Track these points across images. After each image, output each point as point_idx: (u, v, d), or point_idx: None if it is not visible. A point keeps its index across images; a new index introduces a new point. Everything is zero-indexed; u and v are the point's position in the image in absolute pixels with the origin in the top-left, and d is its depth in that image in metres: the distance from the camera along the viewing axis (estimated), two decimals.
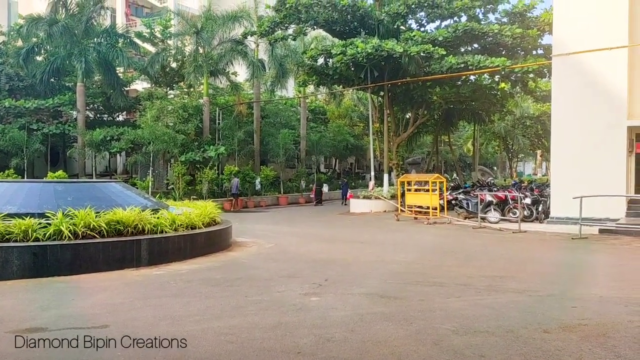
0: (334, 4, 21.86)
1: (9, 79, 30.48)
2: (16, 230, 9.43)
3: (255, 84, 32.33)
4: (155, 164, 27.93)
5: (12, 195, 11.07)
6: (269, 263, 10.79)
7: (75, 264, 9.55)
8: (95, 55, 28.85)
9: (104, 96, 32.77)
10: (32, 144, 27.63)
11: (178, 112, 28.26)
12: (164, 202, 14.30)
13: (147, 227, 10.60)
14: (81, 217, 9.97)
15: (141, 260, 10.19)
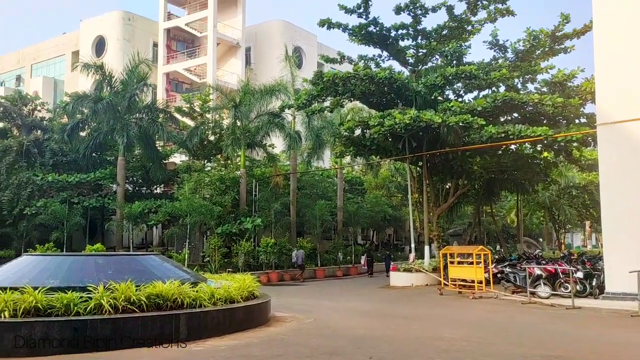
0: (371, 77, 22.58)
1: (53, 154, 32.02)
2: (58, 305, 9.62)
3: (291, 155, 33.04)
4: (191, 236, 28.37)
5: (55, 269, 11.39)
6: (310, 339, 10.64)
7: (114, 339, 9.61)
8: (137, 130, 30.21)
9: (143, 169, 33.96)
10: (73, 217, 28.57)
11: (215, 184, 28.95)
12: (202, 275, 14.43)
13: (186, 301, 10.67)
14: (122, 290, 10.13)
15: (180, 336, 10.19)
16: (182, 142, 32.15)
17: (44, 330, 9.26)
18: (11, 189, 29.26)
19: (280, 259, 29.20)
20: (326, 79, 22.95)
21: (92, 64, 31.03)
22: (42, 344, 9.18)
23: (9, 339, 9.12)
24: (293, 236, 32.36)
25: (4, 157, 30.48)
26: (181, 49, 47.18)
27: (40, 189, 29.88)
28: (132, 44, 43.03)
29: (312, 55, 49.09)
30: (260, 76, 36.54)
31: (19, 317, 9.33)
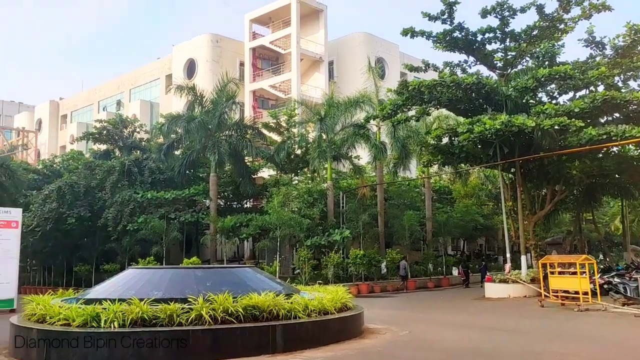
0: (458, 83, 22.02)
1: (152, 172, 33.82)
2: (162, 315, 10.02)
3: (378, 166, 32.85)
4: (281, 248, 28.84)
5: (158, 281, 11.91)
6: (407, 352, 10.40)
7: (214, 349, 9.87)
8: (227, 146, 31.27)
9: (233, 184, 35.05)
10: (170, 232, 29.96)
11: (303, 197, 29.32)
12: (294, 287, 14.55)
13: (281, 312, 10.77)
14: (220, 302, 10.40)
15: (277, 347, 10.29)
16: (270, 157, 32.91)
17: (150, 339, 9.67)
18: (115, 206, 31.17)
19: (370, 270, 29.00)
20: (411, 87, 22.63)
21: (184, 86, 32.59)
22: (149, 353, 9.61)
23: (119, 349, 9.62)
24: (382, 247, 32.07)
25: (109, 176, 32.58)
26: (266, 66, 48.51)
27: (141, 206, 31.60)
28: (220, 64, 44.79)
29: (395, 65, 48.80)
30: (343, 89, 36.71)
31: (127, 327, 9.81)
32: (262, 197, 37.23)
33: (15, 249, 22.16)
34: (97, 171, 33.22)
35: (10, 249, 21.87)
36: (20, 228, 23.09)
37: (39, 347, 10.08)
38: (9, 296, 21.67)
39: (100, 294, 11.73)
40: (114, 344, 9.61)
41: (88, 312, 10.16)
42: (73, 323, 10.08)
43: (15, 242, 22.14)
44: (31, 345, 10.26)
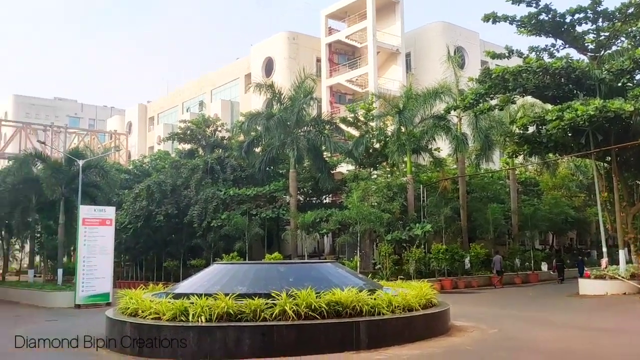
0: (545, 68, 20.81)
1: (233, 170, 34.63)
2: (247, 310, 10.13)
3: (459, 158, 31.87)
4: (361, 243, 28.64)
5: (242, 277, 12.10)
6: (498, 352, 9.92)
7: (298, 345, 9.88)
8: (305, 142, 31.43)
9: (312, 180, 35.23)
10: (252, 228, 30.53)
11: (382, 192, 28.92)
12: (376, 282, 14.32)
13: (364, 309, 10.60)
14: (303, 297, 10.37)
15: (360, 343, 10.14)
16: (349, 152, 32.74)
17: (236, 334, 9.83)
18: (200, 203, 32.21)
19: (453, 265, 28.22)
20: (495, 75, 21.64)
21: (262, 84, 33.08)
22: (234, 347, 9.75)
23: (206, 342, 9.84)
24: (465, 242, 31.12)
25: (193, 175, 33.72)
26: (342, 61, 48.34)
27: (224, 203, 32.45)
28: (297, 61, 45.12)
29: (475, 53, 47.14)
30: (421, 80, 35.85)
31: (213, 322, 10.01)
32: (340, 192, 37.14)
33: (110, 245, 23.42)
34: (182, 170, 34.46)
35: (105, 245, 23.15)
36: (114, 225, 24.34)
37: (132, 340, 10.52)
38: (105, 290, 22.95)
39: (187, 288, 12.06)
40: (201, 338, 9.85)
41: (177, 306, 10.47)
42: (163, 317, 10.44)
43: (110, 239, 23.39)
44: (125, 337, 10.72)
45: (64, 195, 27.78)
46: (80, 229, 22.69)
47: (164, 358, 9.90)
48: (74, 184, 27.42)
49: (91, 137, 64.73)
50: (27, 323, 17.47)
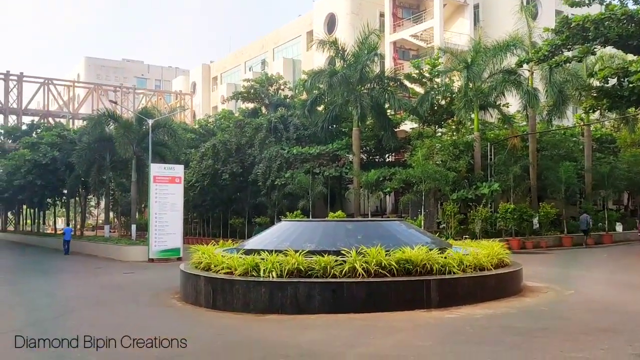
0: (630, 16, 19.28)
1: (296, 128, 34.67)
2: (317, 267, 10.19)
3: (529, 114, 30.51)
4: (426, 202, 28.25)
5: (310, 234, 12.15)
6: (576, 313, 9.56)
7: (368, 302, 9.88)
8: (369, 100, 30.91)
9: (375, 139, 34.81)
10: (316, 186, 30.63)
11: (448, 150, 28.24)
12: (445, 241, 14.07)
13: (435, 267, 10.44)
14: (373, 255, 10.31)
15: (431, 302, 10.03)
16: (413, 109, 31.99)
17: (306, 290, 9.93)
18: (264, 162, 32.57)
19: (521, 225, 27.40)
20: (574, 24, 20.28)
21: (325, 41, 32.52)
22: (305, 303, 9.87)
23: (278, 297, 10.00)
24: (533, 201, 30.05)
25: (257, 134, 34.03)
26: (407, 15, 46.81)
27: (287, 162, 32.68)
28: (360, 16, 44.01)
29: (549, 3, 44.47)
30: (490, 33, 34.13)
31: (284, 277, 10.15)
32: (404, 151, 36.57)
33: (180, 202, 24.13)
34: (246, 129, 34.82)
35: (175, 202, 23.86)
36: (183, 183, 25.02)
37: (206, 293, 10.85)
38: (176, 245, 23.80)
39: (257, 245, 12.27)
40: (273, 293, 10.02)
41: (248, 262, 10.67)
42: (235, 272, 10.67)
43: (179, 196, 24.09)
44: (199, 291, 11.08)
45: (135, 154, 28.80)
46: (152, 186, 23.43)
47: (236, 311, 10.16)
48: (144, 143, 28.34)
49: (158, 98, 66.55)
50: (106, 274, 18.49)
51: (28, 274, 18.95)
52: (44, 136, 39.96)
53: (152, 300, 12.16)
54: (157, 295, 12.81)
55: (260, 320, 9.45)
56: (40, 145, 38.06)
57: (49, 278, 17.83)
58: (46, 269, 21.18)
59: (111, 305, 11.73)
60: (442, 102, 33.10)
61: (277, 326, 8.95)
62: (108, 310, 11.15)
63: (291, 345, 7.41)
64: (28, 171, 37.77)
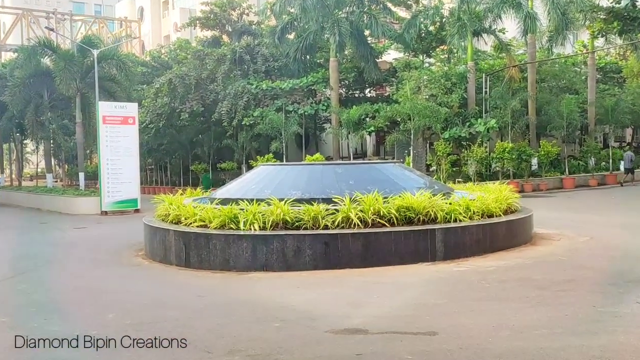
0: None
1: (265, 59, 33.69)
2: (306, 217, 9.89)
3: (529, 41, 30.21)
4: (414, 142, 28.12)
5: (294, 180, 11.83)
6: (597, 261, 9.59)
7: (366, 256, 9.70)
8: (348, 25, 30.13)
9: (355, 71, 34.24)
10: (290, 126, 30.09)
11: (439, 82, 27.91)
12: (448, 185, 13.94)
13: (439, 215, 10.27)
14: (369, 202, 10.05)
15: (436, 254, 9.91)
16: (398, 36, 31.38)
17: (294, 244, 9.67)
18: (228, 99, 31.65)
19: (519, 166, 27.57)
20: None
21: None
22: (294, 258, 9.64)
23: (262, 252, 9.74)
24: (532, 139, 30.22)
25: (219, 66, 32.96)
26: None
27: (256, 98, 31.92)
28: None
29: None
30: None
31: (268, 230, 9.85)
32: (387, 85, 36.18)
33: (135, 146, 23.44)
34: (207, 61, 33.68)
35: (129, 146, 23.15)
36: (137, 124, 24.22)
37: (178, 249, 10.52)
38: (132, 196, 23.27)
39: (234, 193, 11.90)
40: (256, 248, 9.74)
41: (225, 213, 10.32)
42: (210, 225, 10.32)
43: (134, 139, 23.37)
44: (168, 247, 10.74)
45: (79, 91, 27.68)
46: (101, 128, 22.60)
47: (214, 269, 9.89)
48: (88, 78, 27.23)
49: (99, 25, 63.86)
50: (55, 230, 17.98)
51: None
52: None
53: (114, 258, 11.81)
54: (118, 252, 12.46)
55: (244, 279, 9.22)
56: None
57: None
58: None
59: (68, 266, 11.35)
60: (430, 28, 32.54)
61: (265, 285, 8.73)
62: (65, 271, 10.78)
63: (286, 307, 7.20)
64: None
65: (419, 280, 8.58)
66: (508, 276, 8.59)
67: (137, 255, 11.81)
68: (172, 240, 10.65)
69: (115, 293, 8.62)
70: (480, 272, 8.87)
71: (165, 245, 10.86)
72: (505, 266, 9.32)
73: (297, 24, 32.71)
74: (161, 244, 11.00)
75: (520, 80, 30.87)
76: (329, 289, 8.30)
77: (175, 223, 11.17)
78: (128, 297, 8.29)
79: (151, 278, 9.88)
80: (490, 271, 8.94)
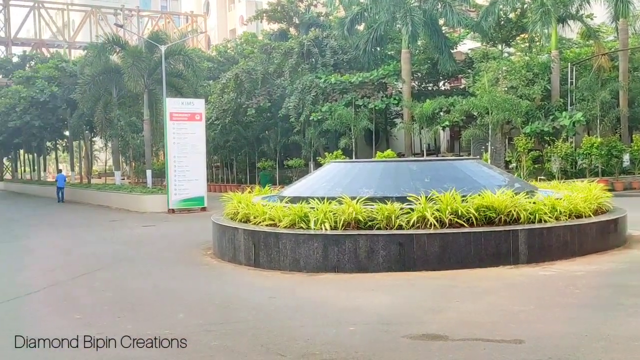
0: None
1: (334, 52, 33.75)
2: (379, 217, 9.85)
3: (620, 26, 28.94)
4: (492, 138, 27.54)
5: (367, 177, 11.79)
6: None
7: (443, 258, 9.57)
8: (421, 15, 29.77)
9: (428, 62, 33.82)
10: (359, 121, 30.04)
11: (520, 73, 27.17)
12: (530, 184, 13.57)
13: (522, 215, 10.01)
14: (446, 201, 9.92)
15: (519, 256, 9.67)
16: (475, 25, 30.76)
17: (367, 244, 9.64)
18: (296, 94, 31.93)
19: (608, 163, 26.51)
20: None
21: None
22: (366, 259, 9.61)
23: (333, 253, 9.76)
24: (624, 133, 28.96)
25: (287, 60, 33.26)
26: None
27: (324, 92, 32.01)
28: None
29: None
30: None
31: (340, 230, 9.86)
32: (462, 76, 35.56)
33: (202, 143, 23.95)
34: (274, 55, 34.10)
35: (196, 143, 23.66)
36: (204, 121, 24.77)
37: (247, 249, 10.69)
38: (199, 194, 23.79)
39: (303, 191, 11.99)
40: (327, 248, 9.77)
41: (295, 211, 10.41)
42: (280, 224, 10.43)
43: (201, 136, 23.88)
44: (237, 246, 10.93)
45: (147, 87, 28.62)
46: (168, 125, 23.17)
47: (283, 270, 10.00)
48: (156, 74, 28.07)
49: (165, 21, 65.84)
50: (124, 228, 18.66)
51: (36, 228, 19.25)
52: (39, 69, 40.10)
53: (183, 257, 12.13)
54: (187, 251, 12.79)
55: (315, 280, 9.27)
56: (37, 79, 38.24)
57: (60, 232, 18.09)
58: (55, 222, 21.52)
59: (137, 264, 11.73)
60: (510, 15, 31.79)
61: (337, 287, 8.74)
62: (135, 269, 11.14)
63: (360, 310, 7.19)
64: (24, 110, 38.16)
65: (501, 285, 8.38)
66: (600, 282, 8.29)
67: (205, 255, 12.09)
68: (241, 240, 10.83)
69: (185, 293, 8.85)
70: (569, 277, 8.59)
71: (234, 244, 11.06)
72: (597, 271, 8.99)
73: (367, 14, 32.57)
74: (230, 243, 11.21)
75: (611, 70, 29.67)
76: (404, 292, 8.23)
77: (244, 222, 11.36)
78: (198, 297, 8.49)
79: (220, 278, 10.07)
80: (580, 276, 8.64)
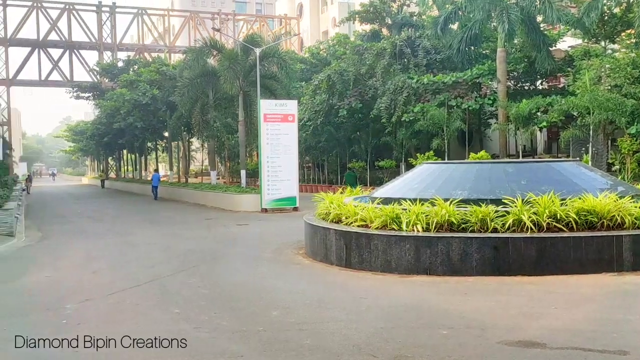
0: None
1: (426, 52, 33.36)
2: (473, 219, 9.69)
3: None
4: (593, 139, 26.33)
5: (460, 179, 11.60)
6: None
7: (539, 263, 9.30)
8: (517, 12, 28.88)
9: (525, 61, 32.76)
10: (452, 122, 29.56)
11: (625, 71, 25.83)
12: (636, 187, 12.89)
13: (627, 219, 9.55)
14: (544, 204, 9.61)
15: (623, 263, 9.24)
16: (576, 21, 29.50)
17: (460, 247, 9.51)
18: (387, 94, 31.77)
19: None
20: None
21: None
22: (459, 262, 9.47)
23: (426, 255, 9.68)
24: None
25: (379, 60, 33.17)
26: None
27: (416, 93, 31.68)
28: None
29: None
30: None
31: (432, 232, 9.77)
32: (561, 75, 34.21)
33: (294, 144, 24.34)
34: (366, 55, 34.07)
35: (289, 144, 24.08)
36: (297, 122, 25.14)
37: (338, 249, 10.79)
38: (291, 194, 24.20)
39: (394, 192, 11.97)
40: (419, 250, 9.70)
41: (387, 213, 10.41)
42: (371, 225, 10.47)
43: (293, 137, 24.27)
44: (329, 246, 11.04)
45: (242, 89, 29.35)
46: (262, 126, 23.70)
47: (374, 271, 10.02)
48: (251, 76, 28.75)
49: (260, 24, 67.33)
50: (219, 226, 19.27)
51: (137, 225, 20.21)
52: (142, 73, 42.03)
53: (275, 256, 12.37)
54: (279, 250, 13.03)
55: (406, 282, 9.23)
56: (139, 83, 40.12)
57: (159, 229, 18.89)
58: (155, 220, 22.50)
59: (231, 262, 12.07)
60: (615, 10, 30.25)
61: (429, 290, 8.67)
62: (229, 267, 11.48)
63: (453, 314, 7.10)
64: (128, 112, 40.13)
65: (603, 292, 8.04)
66: None
67: (297, 254, 12.29)
68: (333, 240, 10.93)
69: (278, 291, 9.04)
70: None
71: (326, 244, 11.18)
72: None
73: (462, 13, 31.96)
74: (322, 243, 11.34)
75: None
76: (499, 296, 8.06)
77: (335, 222, 11.47)
78: (290, 296, 8.65)
79: (312, 277, 10.22)
80: None
